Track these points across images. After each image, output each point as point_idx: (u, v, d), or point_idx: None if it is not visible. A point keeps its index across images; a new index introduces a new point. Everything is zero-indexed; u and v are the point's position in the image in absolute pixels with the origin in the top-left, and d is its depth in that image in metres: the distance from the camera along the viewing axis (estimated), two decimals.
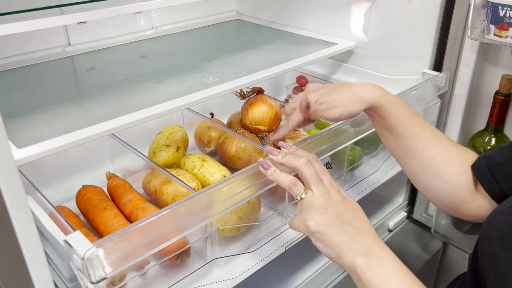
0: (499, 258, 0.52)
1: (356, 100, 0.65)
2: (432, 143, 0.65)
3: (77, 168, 0.90)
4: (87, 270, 0.47)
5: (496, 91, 0.88)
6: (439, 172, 0.65)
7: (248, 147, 0.87)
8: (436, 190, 0.66)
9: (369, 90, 0.66)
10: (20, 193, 0.44)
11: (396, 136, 0.67)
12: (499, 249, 0.52)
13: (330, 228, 0.56)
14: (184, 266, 0.69)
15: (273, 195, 0.83)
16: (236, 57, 0.99)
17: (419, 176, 0.68)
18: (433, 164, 0.65)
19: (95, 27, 1.05)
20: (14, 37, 0.88)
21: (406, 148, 0.66)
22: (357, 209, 0.59)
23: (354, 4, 1.05)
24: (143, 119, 0.71)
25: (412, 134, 0.65)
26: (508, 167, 0.60)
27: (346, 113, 0.65)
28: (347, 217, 0.57)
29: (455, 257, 1.14)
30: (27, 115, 0.73)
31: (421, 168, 0.66)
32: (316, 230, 0.56)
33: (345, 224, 0.56)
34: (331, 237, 0.56)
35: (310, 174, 0.58)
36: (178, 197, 0.74)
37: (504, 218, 0.55)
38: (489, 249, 0.54)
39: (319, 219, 0.56)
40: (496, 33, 0.81)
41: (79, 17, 0.75)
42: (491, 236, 0.55)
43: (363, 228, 0.57)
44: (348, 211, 0.58)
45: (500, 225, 0.54)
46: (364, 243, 0.56)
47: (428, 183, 0.67)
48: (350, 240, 0.55)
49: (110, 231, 0.68)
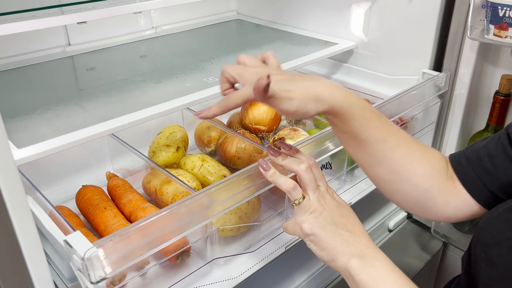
0: (500, 266, 0.51)
1: (313, 98, 0.54)
2: (400, 147, 0.60)
3: (77, 168, 0.90)
4: (87, 270, 0.47)
5: (496, 91, 0.88)
6: (409, 176, 0.61)
7: (248, 147, 0.87)
8: (405, 195, 0.63)
9: (330, 90, 0.55)
10: (20, 193, 0.44)
11: (360, 142, 0.59)
12: (497, 256, 0.52)
13: (325, 231, 0.57)
14: (184, 266, 0.69)
15: (273, 195, 0.83)
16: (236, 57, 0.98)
17: (387, 182, 0.62)
18: (402, 168, 0.60)
19: (95, 27, 1.05)
20: (14, 37, 0.88)
21: (372, 153, 0.60)
22: (351, 214, 0.61)
23: (354, 4, 1.05)
24: (143, 119, 0.71)
25: (379, 139, 0.59)
26: (495, 164, 0.57)
27: (303, 111, 0.54)
28: (342, 221, 0.58)
29: (455, 257, 1.14)
30: (27, 115, 0.73)
31: (389, 173, 0.61)
32: (311, 232, 0.58)
33: (339, 228, 0.58)
34: (325, 240, 0.57)
35: (309, 180, 0.59)
36: (178, 197, 0.74)
37: (498, 223, 0.54)
38: (486, 256, 0.53)
39: (314, 222, 0.58)
40: (496, 33, 0.81)
41: (79, 17, 0.75)
42: (486, 242, 0.54)
43: (356, 232, 0.58)
44: (343, 215, 0.59)
45: (495, 231, 0.53)
46: (358, 245, 0.57)
47: (396, 188, 0.62)
48: (344, 243, 0.57)
49: (110, 231, 0.68)
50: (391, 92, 0.96)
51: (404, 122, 0.96)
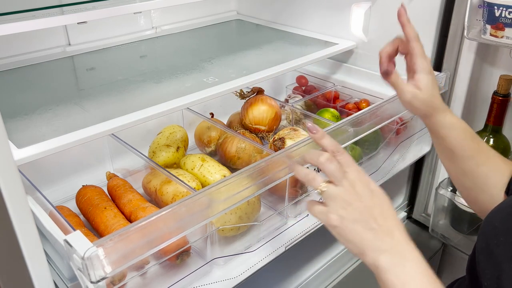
0: (495, 255, 0.51)
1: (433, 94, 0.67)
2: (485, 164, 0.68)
3: (77, 168, 0.90)
4: (87, 270, 0.47)
5: (494, 91, 0.88)
6: (488, 187, 0.67)
7: (248, 147, 0.87)
8: (483, 203, 0.69)
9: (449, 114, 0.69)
10: (20, 193, 0.44)
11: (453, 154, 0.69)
12: (494, 245, 0.52)
13: (354, 224, 0.53)
14: (184, 266, 0.69)
15: (273, 195, 0.83)
16: (236, 57, 0.99)
17: (469, 190, 0.71)
18: (484, 181, 0.68)
19: (95, 27, 1.05)
20: (14, 37, 0.88)
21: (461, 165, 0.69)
22: (384, 204, 0.56)
23: (354, 4, 1.05)
24: (143, 119, 0.71)
25: (469, 155, 0.68)
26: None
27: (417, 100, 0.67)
28: (374, 213, 0.54)
29: (455, 257, 1.14)
30: (27, 115, 0.73)
31: (472, 183, 0.69)
32: (339, 224, 0.54)
33: (370, 221, 0.53)
34: (354, 234, 0.53)
35: (332, 171, 0.55)
36: (178, 197, 0.74)
37: (500, 215, 0.55)
38: (486, 247, 0.53)
39: (343, 213, 0.54)
40: (492, 33, 0.81)
41: (79, 17, 0.75)
42: (488, 234, 0.54)
43: (389, 225, 0.54)
44: (374, 206, 0.55)
45: (496, 223, 0.54)
46: (389, 241, 0.53)
47: (476, 196, 0.70)
48: (374, 238, 0.53)
49: (110, 231, 0.69)
50: (391, 92, 0.95)
51: (404, 122, 0.96)
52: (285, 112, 1.03)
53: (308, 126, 0.59)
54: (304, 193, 0.81)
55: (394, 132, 0.96)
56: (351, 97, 1.09)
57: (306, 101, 1.08)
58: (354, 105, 1.06)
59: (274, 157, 0.66)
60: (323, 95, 1.10)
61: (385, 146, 0.96)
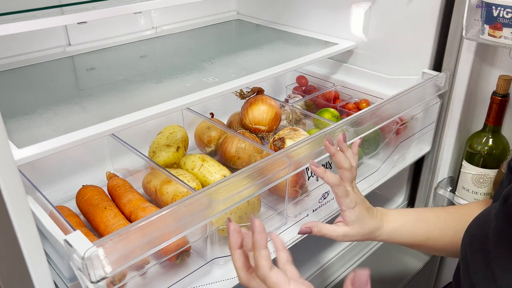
0: (470, 264, 0.53)
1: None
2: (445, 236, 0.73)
3: (77, 168, 0.90)
4: (87, 270, 0.47)
5: (493, 91, 0.88)
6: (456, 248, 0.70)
7: (248, 147, 0.87)
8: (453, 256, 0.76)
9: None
10: (20, 193, 0.44)
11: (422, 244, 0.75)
12: (469, 254, 0.54)
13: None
14: (184, 266, 0.69)
15: (273, 195, 0.83)
16: (236, 57, 0.99)
17: (438, 252, 0.80)
18: (449, 247, 0.75)
19: (95, 27, 1.05)
20: (14, 37, 0.89)
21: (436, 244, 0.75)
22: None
23: (354, 4, 1.05)
24: (143, 119, 0.71)
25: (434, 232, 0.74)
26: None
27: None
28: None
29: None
30: (27, 115, 0.73)
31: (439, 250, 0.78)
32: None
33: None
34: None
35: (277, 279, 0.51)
36: (178, 197, 0.74)
37: (477, 223, 0.58)
38: (465, 255, 0.56)
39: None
40: (490, 33, 0.81)
41: (79, 17, 0.75)
42: (465, 242, 0.57)
43: None
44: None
45: (474, 231, 0.57)
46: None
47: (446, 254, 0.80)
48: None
49: (110, 231, 0.69)
50: (391, 92, 0.96)
51: (404, 122, 0.96)
52: (285, 112, 1.03)
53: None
54: (304, 193, 0.81)
55: (394, 132, 0.96)
56: (351, 97, 1.09)
57: (306, 101, 1.09)
58: (354, 105, 1.06)
59: (274, 157, 0.66)
60: (323, 95, 1.10)
61: (385, 146, 0.96)
